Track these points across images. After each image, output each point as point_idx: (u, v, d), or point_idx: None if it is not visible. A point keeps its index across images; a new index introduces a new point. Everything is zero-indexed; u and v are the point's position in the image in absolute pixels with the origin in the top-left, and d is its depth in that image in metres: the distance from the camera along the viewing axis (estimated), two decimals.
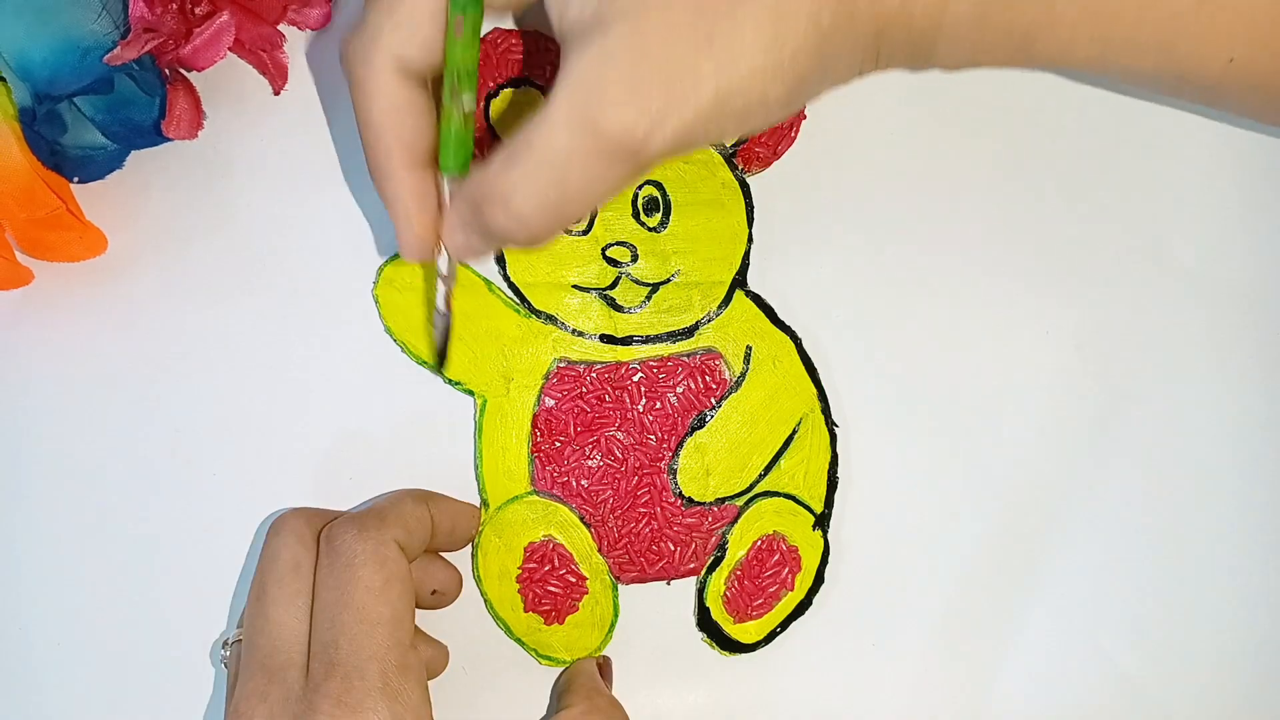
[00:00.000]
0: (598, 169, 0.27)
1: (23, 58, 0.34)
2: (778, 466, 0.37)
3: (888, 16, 0.27)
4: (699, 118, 0.26)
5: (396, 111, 0.29)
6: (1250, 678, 0.37)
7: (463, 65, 0.27)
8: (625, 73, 0.26)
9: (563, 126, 0.26)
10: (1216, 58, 0.28)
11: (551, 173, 0.27)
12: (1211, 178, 0.39)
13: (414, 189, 0.30)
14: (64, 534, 0.36)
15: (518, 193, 0.27)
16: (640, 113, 0.26)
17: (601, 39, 0.26)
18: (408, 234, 0.30)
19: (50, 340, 0.37)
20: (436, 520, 0.34)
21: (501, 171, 0.27)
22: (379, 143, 0.29)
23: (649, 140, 0.26)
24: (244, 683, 0.30)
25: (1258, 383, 0.39)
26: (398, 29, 0.28)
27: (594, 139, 0.26)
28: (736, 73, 0.26)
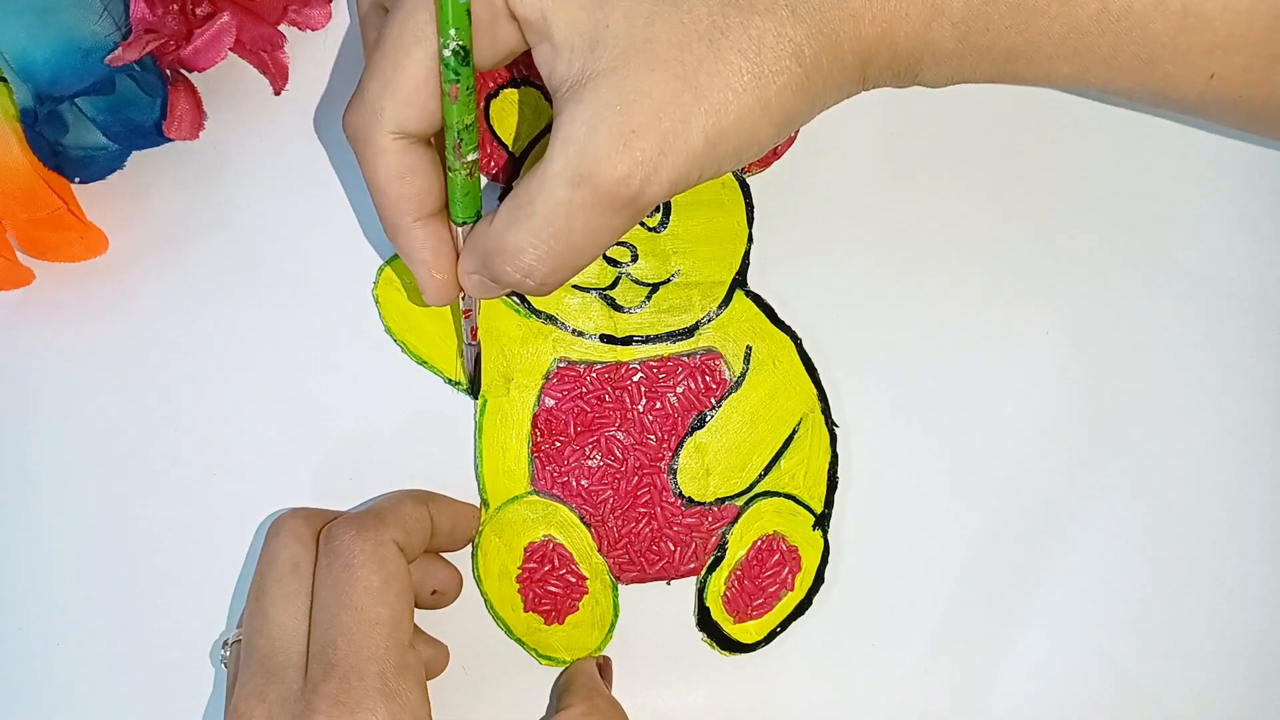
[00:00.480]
0: (599, 221, 0.27)
1: (24, 58, 0.34)
2: (778, 466, 0.37)
3: (871, 44, 0.28)
4: (692, 163, 0.27)
5: (402, 177, 0.29)
6: (1250, 677, 0.37)
7: (460, 125, 0.28)
8: (616, 128, 0.26)
9: (561, 183, 0.27)
10: (1197, 75, 0.29)
11: (554, 228, 0.27)
12: (1211, 178, 0.39)
13: (428, 241, 0.31)
14: (64, 534, 0.36)
15: (524, 250, 0.28)
16: (634, 165, 0.26)
17: (590, 94, 0.26)
18: (427, 282, 0.31)
19: (50, 340, 0.37)
20: (436, 520, 0.34)
21: (507, 228, 0.28)
22: (389, 205, 0.30)
23: (645, 190, 0.27)
24: (243, 683, 0.30)
25: (1258, 383, 0.39)
26: (396, 102, 0.28)
27: (592, 193, 0.27)
28: (725, 117, 0.27)
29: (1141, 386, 0.38)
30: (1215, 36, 0.28)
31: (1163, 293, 0.39)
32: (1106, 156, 0.39)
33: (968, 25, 0.28)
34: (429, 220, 0.30)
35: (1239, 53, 0.28)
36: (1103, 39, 0.28)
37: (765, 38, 0.27)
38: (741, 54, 0.26)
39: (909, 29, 0.28)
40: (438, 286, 0.31)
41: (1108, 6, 0.28)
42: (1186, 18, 0.28)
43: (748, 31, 0.27)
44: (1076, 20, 0.28)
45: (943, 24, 0.28)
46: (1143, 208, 0.39)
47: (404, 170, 0.29)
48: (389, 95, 0.28)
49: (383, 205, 0.30)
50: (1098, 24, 0.28)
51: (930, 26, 0.28)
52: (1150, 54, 0.28)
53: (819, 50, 0.27)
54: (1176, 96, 0.30)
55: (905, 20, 0.28)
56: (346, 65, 0.38)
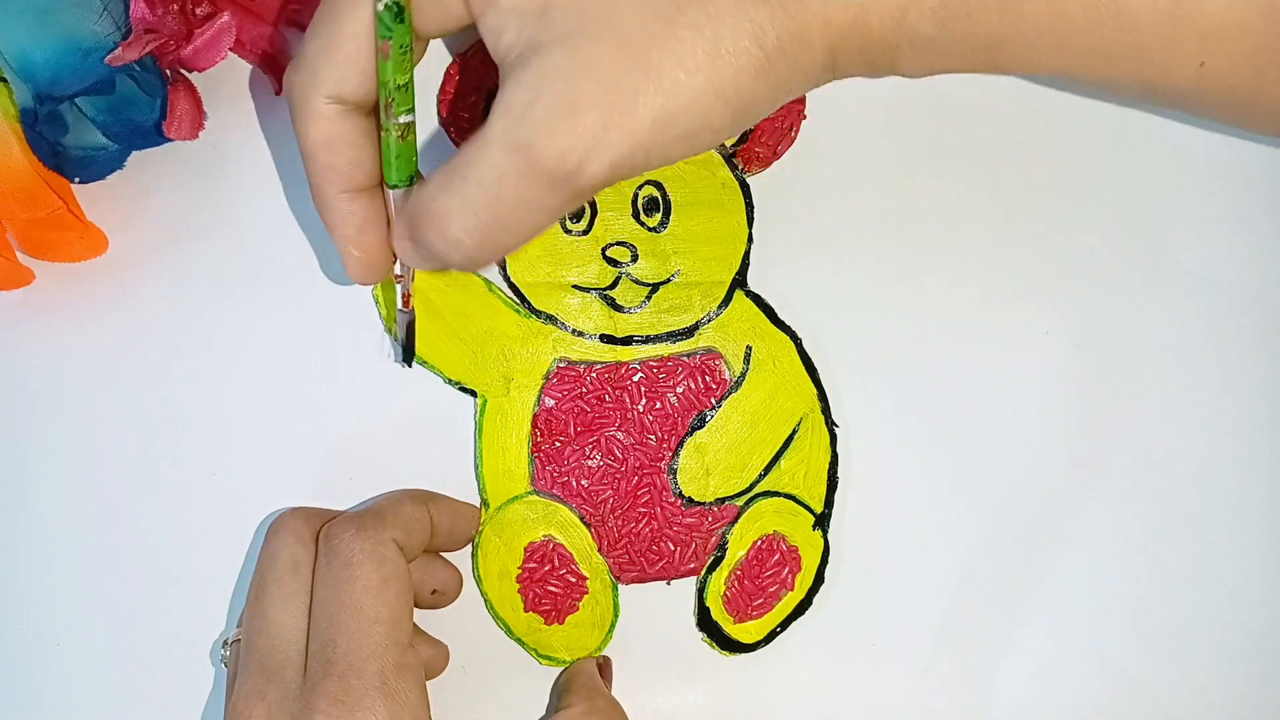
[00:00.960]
0: (532, 195, 0.26)
1: (24, 59, 0.34)
2: (778, 466, 0.37)
3: (842, 30, 0.27)
4: (636, 145, 0.26)
5: (332, 144, 0.29)
6: (1250, 677, 0.37)
7: (393, 84, 0.27)
8: (560, 98, 0.25)
9: (497, 151, 0.26)
10: (1187, 65, 0.28)
11: (485, 197, 0.26)
12: (1211, 178, 0.39)
13: (351, 216, 0.30)
14: (64, 534, 0.36)
15: (451, 217, 0.27)
16: (575, 139, 0.25)
17: (537, 63, 0.25)
18: (346, 259, 0.30)
19: (50, 340, 0.37)
20: (436, 520, 0.34)
21: (437, 193, 0.27)
22: (315, 173, 0.29)
23: (583, 168, 0.25)
24: (242, 682, 0.30)
25: (1258, 383, 0.39)
26: (332, 63, 0.27)
27: (528, 165, 0.25)
28: (676, 99, 0.25)
29: (1141, 386, 0.38)
30: (1206, 25, 0.27)
31: (1163, 293, 0.39)
32: (1106, 156, 0.39)
33: (947, 12, 0.27)
34: (357, 194, 0.29)
35: (1229, 42, 0.27)
36: (1089, 26, 0.27)
37: (725, 16, 0.25)
38: (698, 32, 0.25)
39: (884, 15, 0.27)
40: (357, 264, 0.30)
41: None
42: (1177, 7, 0.27)
43: (706, 9, 0.25)
44: (1062, 8, 0.27)
45: (921, 10, 0.27)
46: (1143, 208, 0.39)
47: (335, 138, 0.28)
48: (326, 56, 0.27)
49: (310, 172, 0.29)
50: (1085, 13, 0.27)
51: (907, 13, 0.27)
52: (1139, 43, 0.28)
53: (783, 34, 0.26)
54: (1165, 87, 0.29)
55: (880, 5, 0.26)
56: None
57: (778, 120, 0.38)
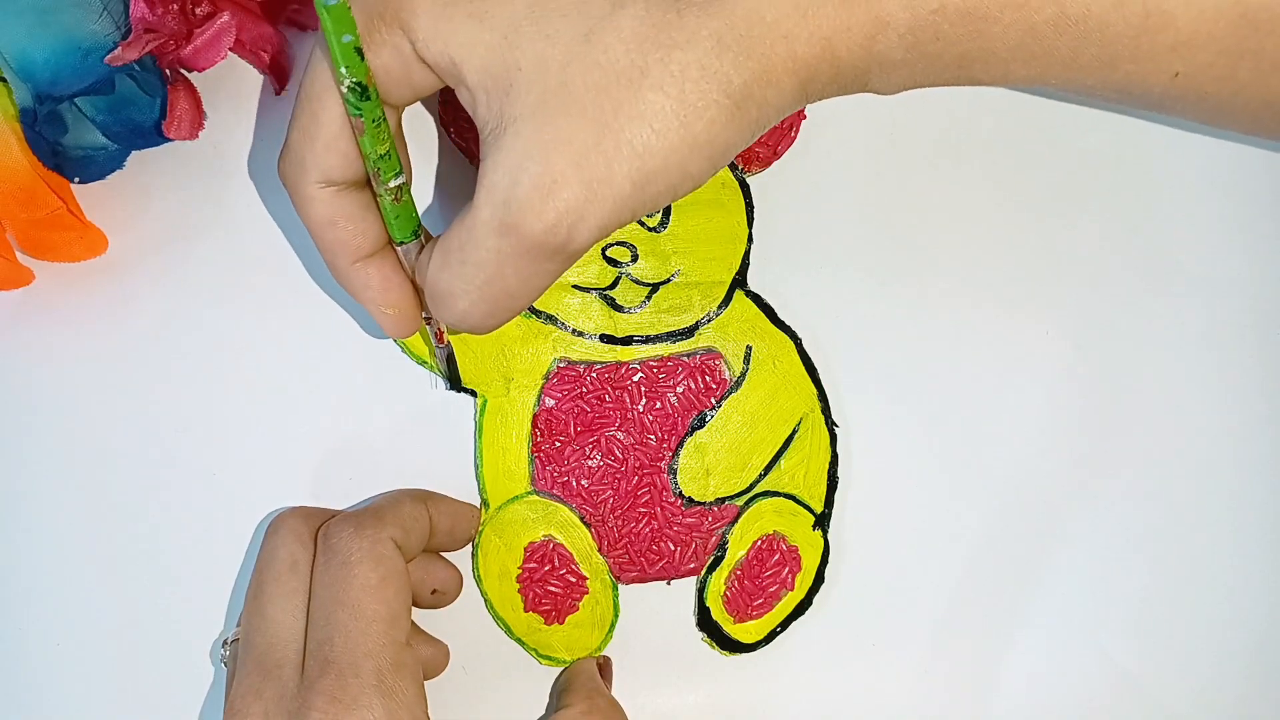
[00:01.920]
0: (526, 270, 0.27)
1: (24, 58, 0.34)
2: (778, 466, 0.37)
3: (809, 64, 0.27)
4: (621, 207, 0.26)
5: (334, 223, 0.29)
6: (1250, 676, 0.37)
7: (374, 155, 0.27)
8: (538, 178, 0.25)
9: (488, 234, 0.26)
10: (1161, 74, 0.28)
11: (485, 275, 0.27)
12: (1211, 178, 0.39)
13: (370, 280, 0.31)
14: (64, 534, 0.36)
15: (456, 296, 0.28)
16: (560, 214, 0.26)
17: (511, 141, 0.26)
18: (380, 318, 0.31)
19: (50, 340, 0.37)
20: (435, 520, 0.34)
21: (440, 272, 0.28)
22: (326, 250, 0.30)
23: (573, 237, 0.26)
24: (240, 680, 0.30)
25: (1258, 383, 0.39)
26: (316, 151, 0.28)
27: (519, 243, 0.26)
28: (652, 159, 0.26)
29: (1141, 386, 0.38)
30: (1179, 35, 0.27)
31: (1163, 293, 0.39)
32: (1106, 156, 0.39)
33: (915, 36, 0.27)
34: (369, 260, 0.30)
35: (1203, 50, 0.27)
36: (1061, 41, 0.27)
37: (689, 72, 0.25)
38: (664, 93, 0.25)
39: (851, 44, 0.26)
40: (391, 321, 0.31)
41: (1064, 10, 0.26)
42: (1148, 17, 0.27)
43: (669, 69, 0.25)
44: (1032, 25, 0.27)
45: (889, 36, 0.26)
46: (1143, 208, 0.39)
47: (335, 217, 0.29)
48: (308, 145, 0.28)
49: (321, 250, 0.30)
50: (1055, 28, 0.27)
51: (875, 40, 0.27)
52: (1111, 55, 0.27)
53: (750, 79, 0.26)
54: (1140, 94, 0.29)
55: (847, 35, 0.26)
56: None
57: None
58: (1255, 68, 0.28)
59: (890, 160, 0.39)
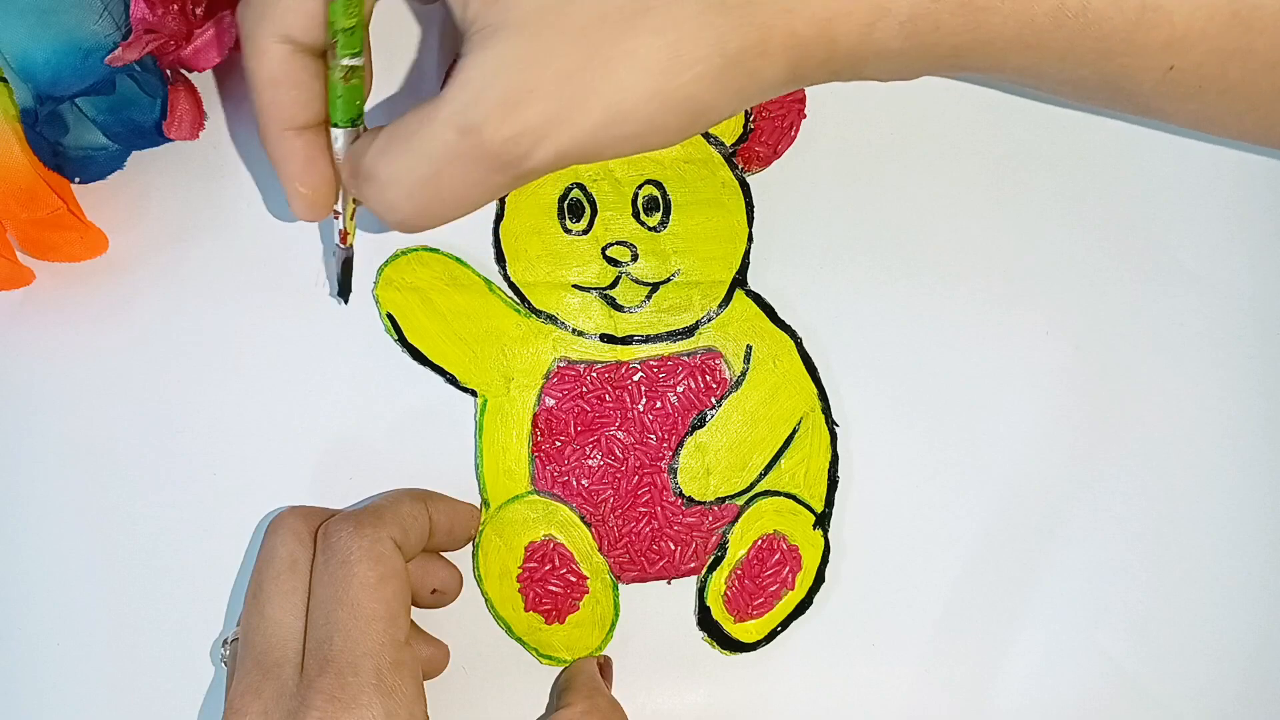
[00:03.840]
0: (474, 175, 0.27)
1: (25, 59, 0.34)
2: (778, 466, 0.37)
3: (806, 43, 0.26)
4: (584, 139, 0.26)
5: (279, 82, 0.29)
6: (1250, 676, 0.37)
7: (339, 26, 0.27)
8: (513, 85, 0.25)
9: (446, 128, 0.26)
10: (1155, 69, 0.28)
11: (427, 169, 0.27)
12: (1211, 178, 0.39)
13: (294, 152, 0.30)
14: (64, 534, 0.36)
15: (391, 182, 0.27)
16: (523, 129, 0.25)
17: (496, 45, 0.25)
18: (291, 195, 0.31)
19: (51, 340, 0.37)
20: (435, 519, 0.34)
21: (381, 155, 0.27)
22: (262, 110, 0.29)
23: (529, 155, 0.26)
24: (239, 679, 0.30)
25: (1257, 382, 0.39)
26: (283, 7, 0.28)
27: (475, 146, 0.26)
28: (628, 97, 0.25)
29: (1141, 386, 0.38)
30: (1173, 31, 0.27)
31: (1163, 293, 0.39)
32: (1106, 156, 0.39)
33: (914, 24, 0.27)
34: (301, 132, 0.30)
35: (1196, 47, 0.27)
36: (1058, 34, 0.27)
37: (687, 22, 0.25)
38: (660, 35, 0.25)
39: (850, 28, 0.26)
40: (301, 201, 0.31)
41: (1063, 3, 0.27)
42: (1144, 13, 0.27)
43: (670, 14, 0.25)
44: (1031, 17, 0.27)
45: (888, 24, 0.26)
46: (1142, 207, 0.39)
47: (281, 77, 0.29)
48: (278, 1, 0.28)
49: (257, 108, 0.29)
50: (1053, 20, 0.27)
51: (874, 26, 0.26)
52: (1107, 48, 0.28)
53: (745, 45, 0.26)
54: (1132, 89, 0.29)
55: (847, 19, 0.26)
56: None
57: (778, 119, 0.38)
58: (1245, 66, 0.28)
59: (890, 160, 0.39)
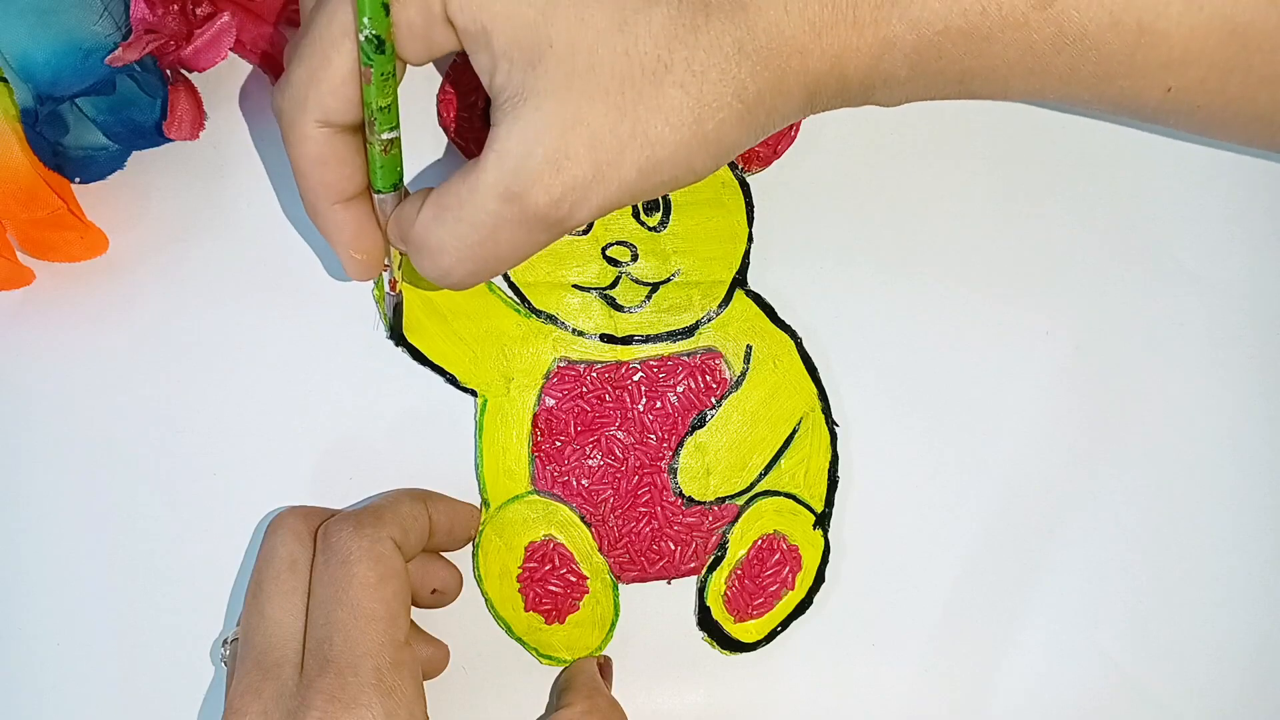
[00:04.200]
0: (524, 236, 0.28)
1: (25, 59, 0.34)
2: (778, 466, 0.37)
3: (819, 77, 0.28)
4: (623, 191, 0.27)
5: (324, 163, 0.30)
6: (1250, 676, 0.37)
7: (376, 106, 0.28)
8: (552, 150, 0.26)
9: (491, 196, 0.27)
10: (1155, 88, 0.29)
11: (478, 236, 0.28)
12: (1211, 178, 0.39)
13: (346, 223, 0.31)
14: (64, 534, 0.36)
15: (443, 250, 0.29)
16: (566, 190, 0.27)
17: (529, 113, 0.27)
18: (347, 262, 0.32)
19: (51, 340, 0.37)
20: (435, 519, 0.34)
21: (431, 225, 0.28)
22: (309, 189, 0.31)
23: (572, 215, 0.27)
24: (239, 679, 0.30)
25: (1257, 383, 0.39)
26: (320, 93, 0.28)
27: (520, 212, 0.27)
28: (661, 150, 0.27)
29: (1141, 386, 0.38)
30: (1171, 52, 0.28)
31: (1163, 293, 0.39)
32: (1106, 156, 0.39)
33: (919, 55, 0.28)
34: (349, 204, 0.31)
35: (1194, 66, 0.28)
36: (1059, 59, 0.28)
37: (709, 74, 0.27)
38: (683, 90, 0.27)
39: (859, 62, 0.28)
40: (357, 265, 0.32)
41: (1063, 29, 0.28)
42: (1142, 35, 0.28)
43: (691, 68, 0.27)
44: (1031, 44, 0.28)
45: (894, 56, 0.28)
46: (1142, 208, 0.39)
47: (326, 157, 0.30)
48: (314, 86, 0.28)
49: (303, 188, 0.31)
50: (1053, 46, 0.28)
51: (881, 59, 0.28)
52: (1107, 71, 0.29)
53: (763, 87, 0.27)
54: (1134, 108, 0.30)
55: (855, 54, 0.28)
56: None
57: None
58: (1245, 82, 0.29)
59: (890, 160, 0.39)
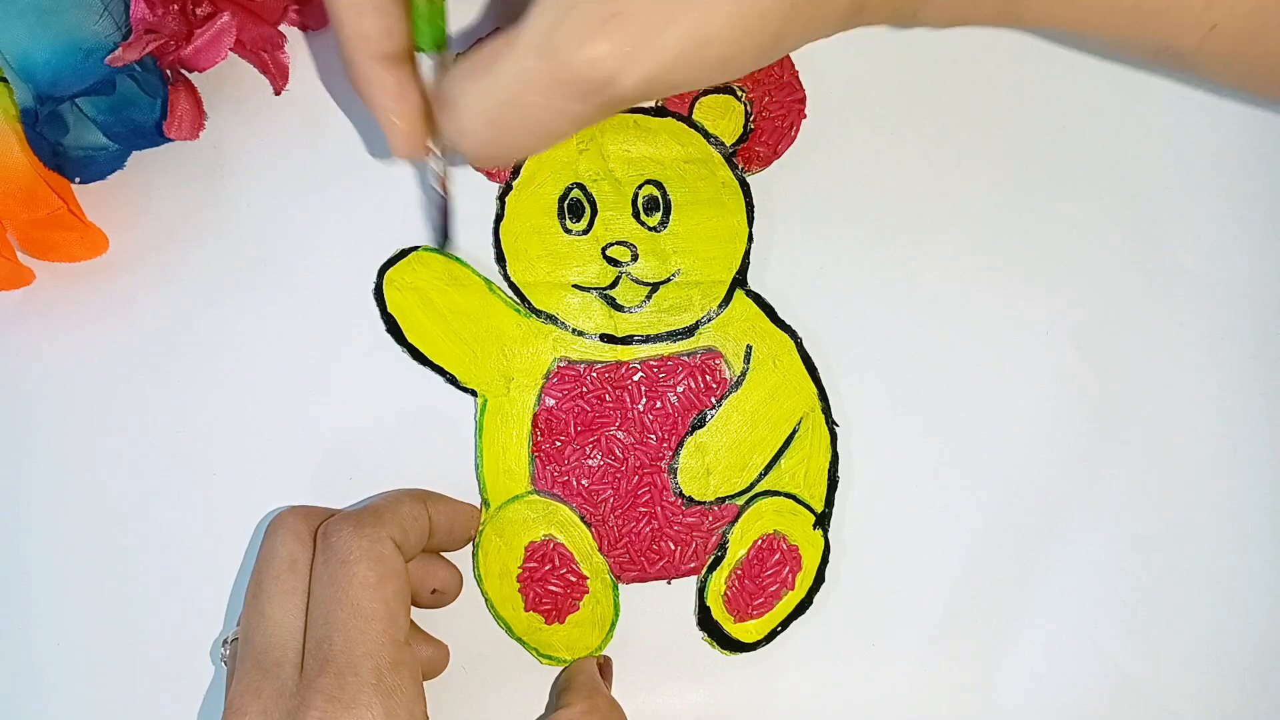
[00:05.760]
0: (554, 102, 0.26)
1: (25, 59, 0.34)
2: (778, 466, 0.37)
3: None
4: (671, 63, 0.25)
5: (361, 9, 0.28)
6: (1249, 676, 0.37)
7: None
8: (597, 7, 0.24)
9: (528, 51, 0.25)
10: (1198, 26, 0.29)
11: (505, 94, 0.26)
12: (1211, 178, 0.39)
13: (386, 83, 0.29)
14: (64, 534, 0.36)
15: (469, 107, 0.27)
16: (611, 50, 0.25)
17: None
18: (388, 128, 0.30)
19: (51, 340, 0.37)
20: (435, 519, 0.34)
21: (460, 80, 0.27)
22: (347, 40, 0.29)
23: (617, 79, 0.25)
24: (239, 679, 0.30)
25: (1257, 382, 0.39)
26: None
27: (558, 69, 0.25)
28: (711, 21, 0.25)
29: (1141, 386, 0.38)
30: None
31: (1163, 293, 0.39)
32: (1106, 156, 0.39)
33: None
34: (390, 63, 0.29)
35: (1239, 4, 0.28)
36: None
37: None
38: None
39: None
40: (399, 135, 0.30)
41: None
42: None
43: None
44: None
45: None
46: (1143, 207, 0.39)
47: (363, 3, 0.28)
48: None
49: (341, 41, 0.29)
50: None
51: None
52: (1153, 4, 0.28)
53: None
54: (1175, 46, 0.30)
55: None
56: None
57: (778, 120, 0.38)
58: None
59: (890, 160, 0.39)
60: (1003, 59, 0.39)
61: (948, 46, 0.39)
